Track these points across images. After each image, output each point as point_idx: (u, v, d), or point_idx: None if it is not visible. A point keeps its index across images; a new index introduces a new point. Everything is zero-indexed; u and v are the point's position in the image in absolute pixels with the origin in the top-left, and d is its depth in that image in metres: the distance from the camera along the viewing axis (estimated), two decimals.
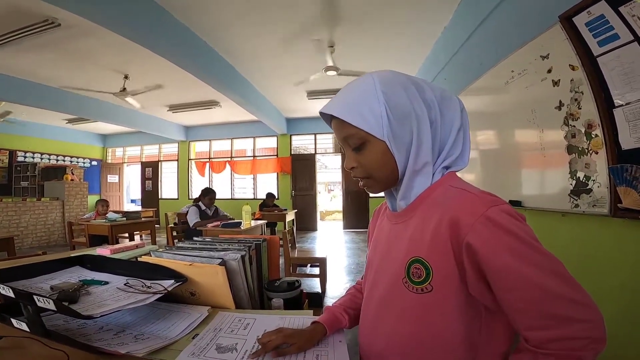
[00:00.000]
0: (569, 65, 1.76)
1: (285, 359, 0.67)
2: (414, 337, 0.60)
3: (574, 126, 1.76)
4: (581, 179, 1.73)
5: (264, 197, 7.01)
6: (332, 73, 4.83)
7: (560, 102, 1.85)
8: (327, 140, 9.29)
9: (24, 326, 0.71)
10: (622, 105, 1.48)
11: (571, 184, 1.80)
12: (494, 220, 0.52)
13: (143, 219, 5.62)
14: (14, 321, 0.73)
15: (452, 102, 0.65)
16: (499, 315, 0.56)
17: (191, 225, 4.23)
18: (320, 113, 0.67)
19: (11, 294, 0.68)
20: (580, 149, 1.73)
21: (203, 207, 4.49)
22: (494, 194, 0.57)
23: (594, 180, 1.65)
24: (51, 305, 0.64)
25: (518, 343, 0.54)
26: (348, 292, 0.90)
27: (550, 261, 0.51)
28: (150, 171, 10.64)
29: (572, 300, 0.49)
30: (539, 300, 0.49)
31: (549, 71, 1.93)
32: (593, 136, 1.64)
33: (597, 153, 1.63)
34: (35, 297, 0.65)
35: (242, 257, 0.99)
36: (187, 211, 4.50)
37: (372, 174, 0.66)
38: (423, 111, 0.61)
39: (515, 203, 2.34)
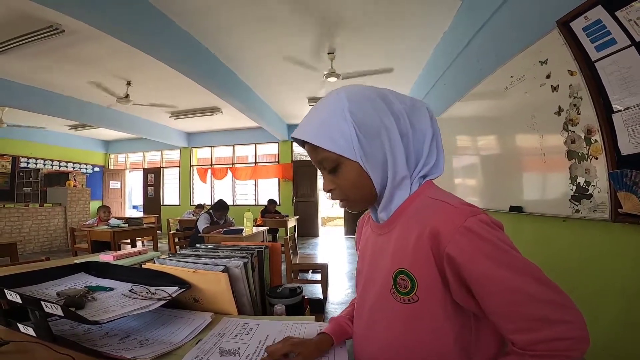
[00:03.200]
0: (568, 70, 1.77)
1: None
2: (405, 345, 0.61)
3: (574, 131, 1.77)
4: (581, 185, 1.74)
5: (266, 203, 7.02)
6: (333, 79, 4.86)
7: (559, 107, 1.86)
8: None
9: (30, 331, 0.72)
10: (620, 110, 1.49)
11: (572, 190, 1.81)
12: (472, 230, 0.53)
13: (145, 225, 5.63)
14: (20, 326, 0.74)
15: (421, 111, 0.66)
16: (486, 320, 0.57)
17: (200, 230, 4.25)
18: (293, 137, 0.67)
19: (18, 300, 0.70)
20: (580, 154, 1.74)
21: (215, 219, 4.52)
22: (471, 204, 0.58)
23: (594, 186, 1.66)
24: (58, 311, 0.66)
25: (507, 346, 0.55)
26: (352, 303, 0.90)
27: (527, 266, 0.52)
28: (152, 177, 10.67)
29: (552, 303, 0.50)
30: (520, 304, 0.51)
31: (548, 76, 1.94)
32: (593, 141, 1.65)
33: (597, 158, 1.63)
34: (42, 302, 0.67)
35: (245, 264, 1.00)
36: (198, 218, 4.54)
37: (349, 195, 0.67)
38: (392, 124, 0.61)
39: (517, 209, 2.34)
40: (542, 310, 0.50)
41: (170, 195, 10.52)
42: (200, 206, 7.60)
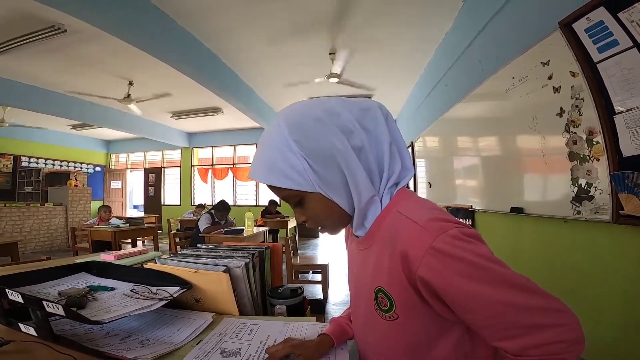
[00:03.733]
0: (570, 71, 1.77)
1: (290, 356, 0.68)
2: (393, 356, 0.62)
3: (575, 133, 1.77)
4: (583, 186, 1.74)
5: (266, 204, 7.02)
6: (334, 80, 4.87)
7: (561, 108, 1.86)
8: None
9: (31, 331, 0.72)
10: (622, 112, 1.49)
11: (573, 191, 1.80)
12: (442, 250, 0.50)
13: (146, 225, 5.64)
14: (21, 326, 0.74)
15: (372, 113, 0.62)
16: None
17: (201, 230, 4.25)
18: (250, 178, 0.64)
19: (20, 299, 0.70)
20: (581, 155, 1.74)
21: (216, 219, 4.53)
22: (442, 217, 0.55)
23: (595, 187, 1.65)
24: (60, 311, 0.66)
25: (498, 352, 0.54)
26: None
27: (507, 277, 0.50)
28: (153, 177, 10.70)
29: (539, 308, 0.49)
30: (504, 315, 0.49)
31: (550, 77, 1.94)
32: (594, 143, 1.65)
33: (598, 160, 1.63)
34: (44, 302, 0.67)
35: (246, 264, 1.00)
36: (199, 218, 4.55)
37: (323, 224, 0.66)
38: (344, 143, 0.57)
39: (518, 210, 2.34)
40: (529, 317, 0.48)
41: (171, 195, 10.54)
42: (201, 206, 7.60)
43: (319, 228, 0.67)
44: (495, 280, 0.49)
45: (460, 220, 0.63)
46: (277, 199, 8.48)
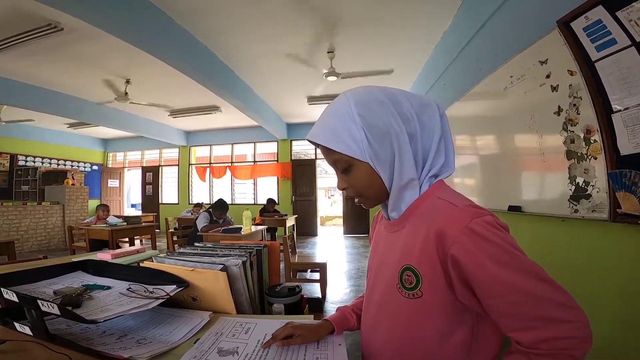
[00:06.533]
0: (568, 70, 1.77)
1: (288, 353, 0.71)
2: (408, 339, 0.64)
3: (573, 131, 1.77)
4: (580, 185, 1.74)
5: (265, 202, 7.01)
6: (332, 79, 4.86)
7: (559, 107, 1.86)
8: None
9: (27, 330, 0.71)
10: (620, 110, 1.49)
11: (570, 190, 1.80)
12: (477, 231, 0.54)
13: (143, 224, 5.63)
14: (17, 325, 0.73)
15: (430, 109, 0.66)
16: (488, 319, 0.58)
17: (199, 228, 4.25)
18: (307, 139, 0.69)
19: (15, 298, 0.69)
20: (579, 154, 1.74)
21: (214, 217, 4.53)
22: (478, 205, 0.59)
23: (593, 186, 1.65)
24: (55, 310, 0.65)
25: (510, 345, 0.56)
26: (361, 296, 0.93)
27: (532, 267, 0.53)
28: (151, 176, 10.66)
29: (557, 303, 0.51)
30: (524, 304, 0.51)
31: (548, 76, 1.94)
32: (592, 141, 1.65)
33: (596, 158, 1.63)
34: (39, 301, 0.66)
35: (243, 262, 1.00)
36: (197, 216, 4.55)
37: (362, 193, 0.69)
38: (401, 127, 0.62)
39: (515, 208, 2.34)
40: (547, 310, 0.51)
41: (169, 193, 10.50)
42: (199, 205, 7.59)
43: (355, 199, 0.72)
44: (520, 268, 0.52)
45: None
46: (275, 196, 8.50)
